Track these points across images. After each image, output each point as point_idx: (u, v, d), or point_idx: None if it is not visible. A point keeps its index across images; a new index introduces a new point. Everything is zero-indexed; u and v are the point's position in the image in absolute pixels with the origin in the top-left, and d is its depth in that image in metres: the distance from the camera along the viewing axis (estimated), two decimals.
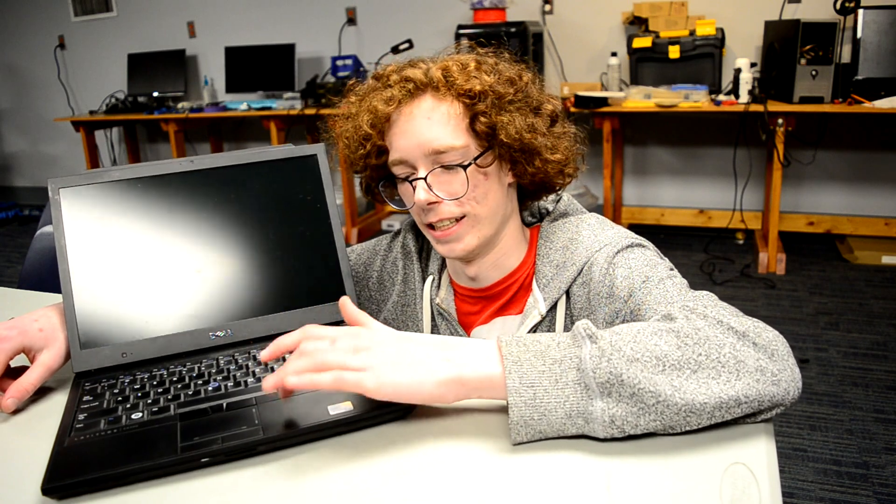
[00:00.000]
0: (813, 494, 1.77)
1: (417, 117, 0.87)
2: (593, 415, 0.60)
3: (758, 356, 0.63)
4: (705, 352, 0.62)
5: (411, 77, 0.87)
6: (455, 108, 0.87)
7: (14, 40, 5.37)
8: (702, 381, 0.60)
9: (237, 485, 0.59)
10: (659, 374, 0.60)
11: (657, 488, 0.56)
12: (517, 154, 0.89)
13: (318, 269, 0.86)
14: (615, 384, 0.59)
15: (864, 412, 2.12)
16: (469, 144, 0.87)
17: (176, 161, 0.84)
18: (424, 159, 0.87)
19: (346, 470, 0.60)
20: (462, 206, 0.89)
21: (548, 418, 0.60)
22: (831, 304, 2.96)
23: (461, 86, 0.86)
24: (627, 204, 4.10)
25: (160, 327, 0.79)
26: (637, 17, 3.64)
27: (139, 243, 0.81)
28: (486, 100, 0.86)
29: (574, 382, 0.60)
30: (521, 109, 0.89)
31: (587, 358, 0.60)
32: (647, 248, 0.90)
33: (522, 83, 0.90)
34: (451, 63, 0.88)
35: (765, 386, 0.61)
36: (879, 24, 3.04)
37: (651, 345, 0.62)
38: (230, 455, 0.62)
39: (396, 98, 0.88)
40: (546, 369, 0.61)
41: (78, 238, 0.79)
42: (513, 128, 0.87)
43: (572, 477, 0.58)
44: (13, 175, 5.82)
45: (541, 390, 0.60)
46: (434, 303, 0.99)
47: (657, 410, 0.59)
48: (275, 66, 4.36)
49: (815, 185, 3.76)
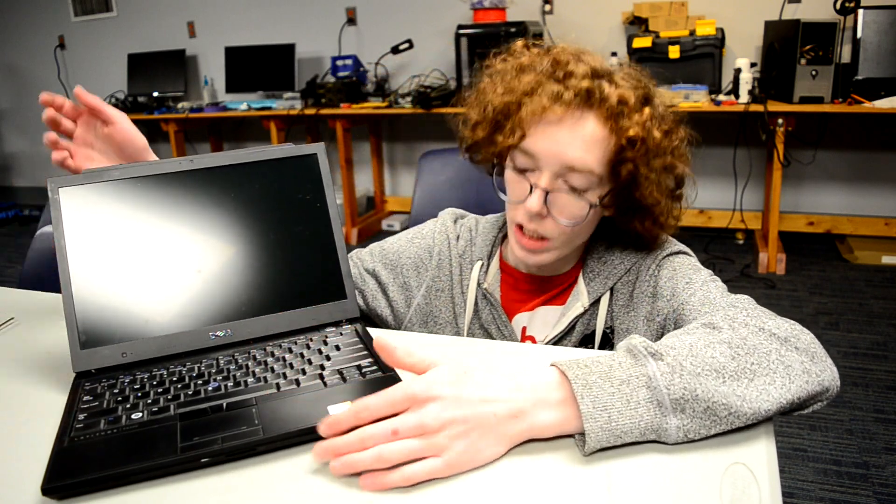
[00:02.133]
0: (813, 494, 1.77)
1: (573, 130, 0.83)
2: (668, 431, 0.60)
3: (802, 359, 0.66)
4: (756, 360, 0.64)
5: (590, 91, 0.82)
6: (609, 142, 0.83)
7: (14, 40, 5.37)
8: (760, 388, 0.62)
9: (237, 485, 0.59)
10: (722, 385, 0.61)
11: (657, 488, 0.56)
12: (637, 209, 0.88)
13: (318, 268, 0.86)
14: (689, 400, 0.60)
15: (864, 412, 2.12)
16: (605, 178, 0.85)
17: (175, 160, 0.84)
18: (553, 168, 0.84)
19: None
20: (561, 232, 0.88)
21: (623, 438, 0.60)
22: (831, 304, 2.96)
23: (628, 128, 0.82)
24: None
25: (160, 327, 0.79)
26: (637, 17, 3.64)
27: (139, 243, 0.81)
28: (643, 150, 0.83)
29: (646, 401, 0.60)
30: (661, 165, 0.86)
31: (658, 375, 0.61)
32: (691, 256, 0.94)
33: (675, 140, 0.88)
34: (631, 94, 0.84)
35: (812, 387, 0.65)
36: (879, 24, 3.04)
37: (708, 357, 0.63)
38: (230, 455, 0.62)
39: (563, 99, 0.82)
40: (615, 391, 0.60)
41: (78, 237, 0.79)
42: (650, 187, 0.85)
43: (572, 477, 0.58)
44: (13, 175, 5.82)
45: (615, 412, 0.60)
46: (482, 287, 0.99)
47: (728, 422, 0.61)
48: (275, 66, 4.36)
49: (815, 185, 3.76)
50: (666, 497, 0.55)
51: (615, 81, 0.85)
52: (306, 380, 0.72)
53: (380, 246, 1.09)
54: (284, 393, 0.70)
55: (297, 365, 0.75)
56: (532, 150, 0.85)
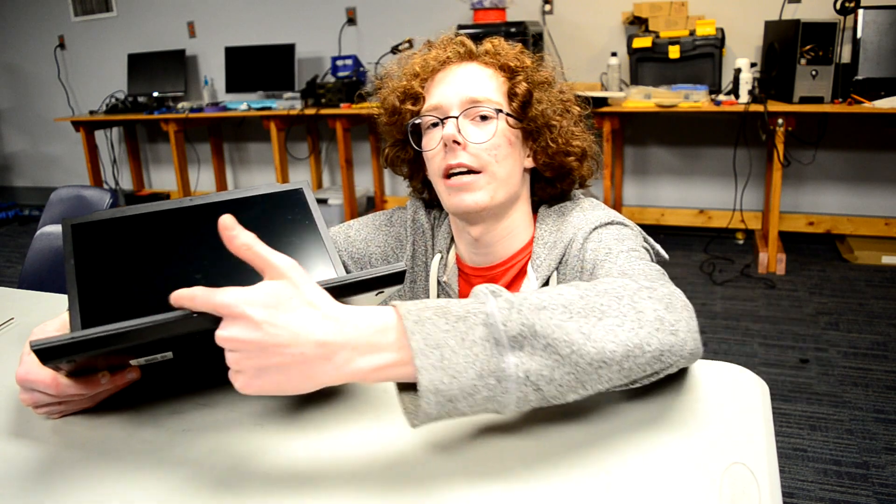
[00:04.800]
0: (813, 494, 1.77)
1: (461, 75, 0.96)
2: (506, 372, 0.55)
3: (655, 307, 0.64)
4: (606, 302, 0.62)
5: (465, 43, 0.98)
6: (497, 77, 0.96)
7: (14, 40, 5.37)
8: (608, 328, 0.60)
9: (235, 483, 0.59)
10: (568, 321, 0.58)
11: (657, 488, 0.56)
12: (537, 133, 0.96)
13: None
14: (528, 336, 0.56)
15: (864, 412, 2.12)
16: (503, 106, 0.95)
17: (177, 200, 0.87)
18: (460, 105, 0.94)
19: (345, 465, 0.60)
20: (481, 160, 0.92)
21: (458, 381, 0.54)
22: (831, 304, 2.96)
23: (507, 61, 0.96)
24: (627, 204, 4.10)
25: None
26: (637, 17, 3.64)
27: (144, 263, 0.83)
28: (524, 75, 0.95)
29: (483, 339, 0.56)
30: (553, 97, 0.98)
31: (495, 311, 0.56)
32: (627, 226, 0.93)
33: (555, 79, 1.00)
34: (497, 41, 0.99)
35: (664, 335, 0.62)
36: (879, 24, 3.04)
37: (555, 294, 0.61)
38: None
39: (446, 57, 0.98)
40: (450, 328, 0.56)
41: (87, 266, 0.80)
42: (546, 104, 0.96)
43: (572, 477, 0.58)
44: (13, 175, 5.82)
45: (448, 350, 0.55)
46: (441, 280, 1.02)
47: (572, 361, 0.57)
48: (275, 66, 4.36)
49: (815, 185, 3.76)
50: (666, 497, 0.55)
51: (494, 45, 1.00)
52: None
53: (345, 233, 1.09)
54: None
55: None
56: (434, 102, 0.95)
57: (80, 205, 1.74)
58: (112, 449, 0.66)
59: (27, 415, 0.72)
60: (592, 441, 0.63)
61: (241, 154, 4.99)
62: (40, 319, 0.97)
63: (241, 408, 0.72)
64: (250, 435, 0.67)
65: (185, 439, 0.67)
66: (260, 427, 0.68)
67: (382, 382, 0.60)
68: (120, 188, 5.25)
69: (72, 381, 0.67)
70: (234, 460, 0.63)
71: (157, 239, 0.84)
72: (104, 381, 0.68)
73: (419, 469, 0.60)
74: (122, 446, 0.66)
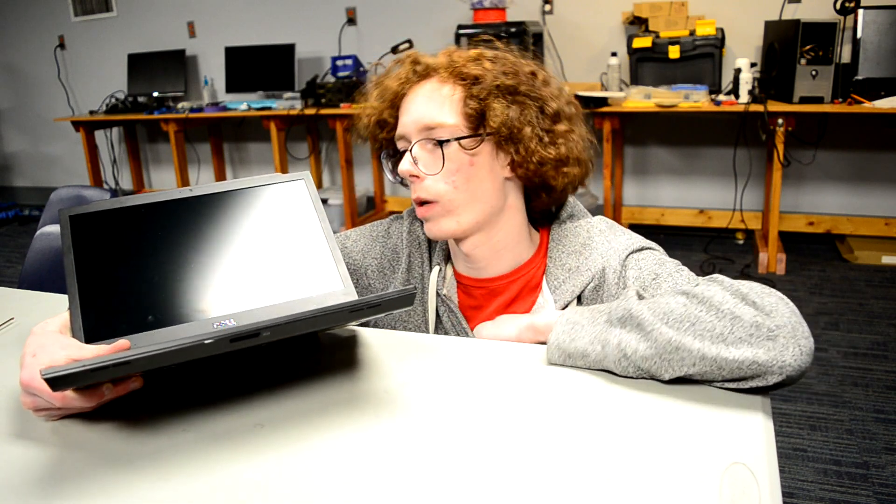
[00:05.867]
0: (813, 494, 1.77)
1: (420, 96, 0.93)
2: (609, 341, 0.73)
3: (755, 313, 0.66)
4: (706, 308, 0.69)
5: (420, 60, 0.95)
6: (454, 91, 0.91)
7: (14, 40, 5.37)
8: (697, 332, 0.68)
9: (240, 484, 0.60)
10: (660, 319, 0.70)
11: (657, 488, 0.56)
12: (505, 143, 0.91)
13: (316, 285, 0.87)
14: (627, 318, 0.73)
15: (864, 412, 2.13)
16: (459, 125, 0.90)
17: (176, 190, 0.86)
18: (417, 134, 0.92)
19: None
20: (437, 190, 0.91)
21: (576, 343, 0.75)
22: (831, 304, 2.96)
23: (461, 70, 0.91)
24: (627, 204, 4.10)
25: (163, 322, 0.79)
26: (637, 17, 3.64)
27: (144, 254, 0.82)
28: (483, 84, 0.89)
29: (604, 322, 0.75)
30: (520, 101, 0.90)
31: (614, 305, 0.76)
32: (656, 249, 0.94)
33: (522, 76, 0.92)
34: (456, 51, 0.95)
35: (759, 340, 0.64)
36: (879, 24, 3.04)
37: (662, 302, 0.73)
38: (236, 339, 0.61)
39: (405, 78, 0.95)
40: (588, 314, 0.78)
41: (85, 251, 0.80)
42: (502, 115, 0.88)
43: (572, 477, 0.58)
44: (13, 175, 5.82)
45: (578, 327, 0.77)
46: (440, 294, 1.00)
47: (652, 337, 0.70)
48: (275, 66, 4.36)
49: (815, 185, 3.76)
50: (666, 497, 0.55)
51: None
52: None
53: (341, 243, 1.08)
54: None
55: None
56: (399, 132, 0.95)
57: (80, 205, 1.74)
58: (112, 449, 0.66)
59: (27, 415, 0.72)
60: (592, 441, 0.63)
61: (241, 154, 5.00)
62: (40, 319, 0.97)
63: (240, 408, 0.72)
64: (250, 435, 0.67)
65: (185, 440, 0.67)
66: (260, 427, 0.68)
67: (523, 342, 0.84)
68: (120, 188, 5.25)
69: (77, 394, 0.67)
70: (234, 460, 0.63)
71: (157, 230, 0.83)
72: (108, 392, 0.68)
73: (419, 469, 0.60)
74: (122, 447, 0.66)
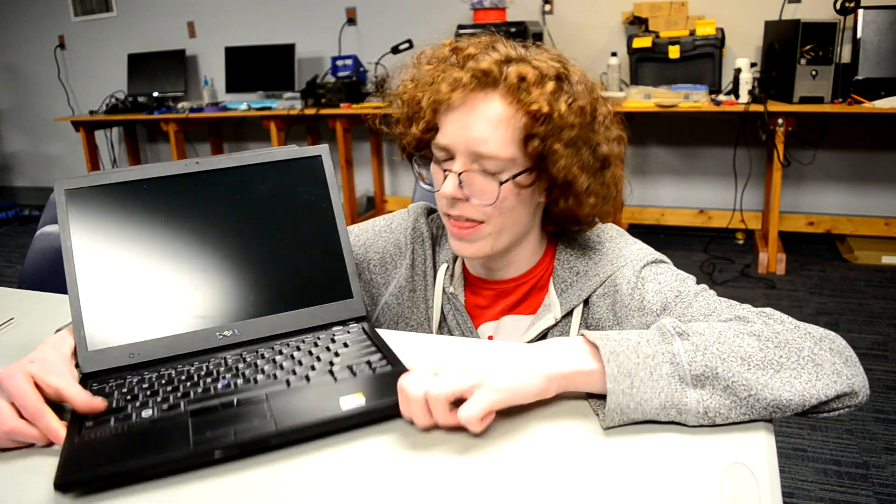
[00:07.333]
0: (813, 494, 1.77)
1: (476, 113, 0.84)
2: (687, 406, 0.63)
3: (834, 360, 0.66)
4: (786, 354, 0.65)
5: (487, 71, 0.83)
6: (516, 120, 0.83)
7: (14, 40, 5.36)
8: (785, 379, 0.64)
9: (250, 485, 0.60)
10: (746, 371, 0.63)
11: (657, 488, 0.56)
12: (556, 188, 0.87)
13: (323, 268, 0.87)
14: (710, 377, 0.63)
15: (864, 412, 2.13)
16: (515, 159, 0.84)
17: (181, 162, 0.84)
18: (466, 155, 0.85)
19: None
20: (485, 213, 0.87)
21: (643, 408, 0.63)
22: (831, 304, 2.96)
23: (531, 102, 0.81)
24: (627, 204, 4.10)
25: (167, 328, 0.79)
26: (637, 17, 3.64)
27: (145, 244, 0.81)
28: (550, 125, 0.82)
29: (668, 375, 0.64)
30: (578, 144, 0.85)
31: (681, 353, 0.64)
32: (669, 263, 0.92)
33: (591, 118, 0.86)
34: (531, 71, 0.83)
35: (840, 387, 0.65)
36: (879, 24, 3.04)
37: (735, 345, 0.65)
38: (243, 449, 0.62)
39: (464, 85, 0.83)
40: (641, 362, 0.64)
41: (84, 239, 0.79)
42: (563, 162, 0.83)
43: (571, 477, 0.58)
44: (13, 175, 5.82)
45: (637, 380, 0.63)
46: (447, 291, 0.99)
47: (748, 404, 0.63)
48: (275, 66, 4.36)
49: (815, 185, 3.76)
50: (666, 497, 0.55)
51: (527, 61, 0.85)
52: (316, 375, 0.72)
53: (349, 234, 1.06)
54: (295, 388, 0.70)
55: (306, 362, 0.75)
56: (442, 142, 0.86)
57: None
58: None
59: None
60: (592, 441, 0.63)
61: None
62: (40, 319, 0.98)
63: None
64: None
65: None
66: None
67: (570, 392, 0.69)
68: None
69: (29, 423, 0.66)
70: (234, 461, 0.63)
71: (161, 214, 0.81)
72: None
73: (419, 469, 0.61)
74: None
